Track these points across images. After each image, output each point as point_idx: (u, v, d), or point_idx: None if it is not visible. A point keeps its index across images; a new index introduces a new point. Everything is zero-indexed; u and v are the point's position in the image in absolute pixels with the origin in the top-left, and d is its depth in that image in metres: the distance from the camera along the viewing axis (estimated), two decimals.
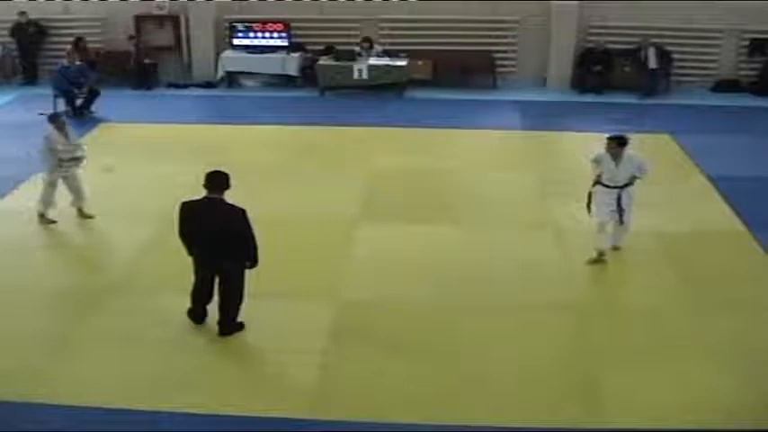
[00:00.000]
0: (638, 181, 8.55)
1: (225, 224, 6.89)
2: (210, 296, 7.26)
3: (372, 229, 9.61)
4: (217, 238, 6.91)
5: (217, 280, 7.18)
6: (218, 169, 7.07)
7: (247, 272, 7.18)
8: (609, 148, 8.44)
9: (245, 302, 7.26)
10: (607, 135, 8.62)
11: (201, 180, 7.02)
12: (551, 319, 7.69)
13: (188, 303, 7.39)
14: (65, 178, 9.57)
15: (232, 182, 7.09)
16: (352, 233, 9.46)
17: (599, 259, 8.63)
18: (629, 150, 8.43)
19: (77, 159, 9.63)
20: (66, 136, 9.50)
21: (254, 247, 7.05)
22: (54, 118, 9.68)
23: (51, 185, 9.57)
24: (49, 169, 9.52)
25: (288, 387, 6.67)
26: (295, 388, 6.64)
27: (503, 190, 10.91)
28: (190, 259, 7.24)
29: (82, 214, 9.72)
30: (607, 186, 8.46)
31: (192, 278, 7.28)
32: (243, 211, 6.93)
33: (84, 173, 9.77)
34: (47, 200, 9.57)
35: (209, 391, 6.57)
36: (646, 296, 8.22)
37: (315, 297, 8.04)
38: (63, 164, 9.48)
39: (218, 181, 6.96)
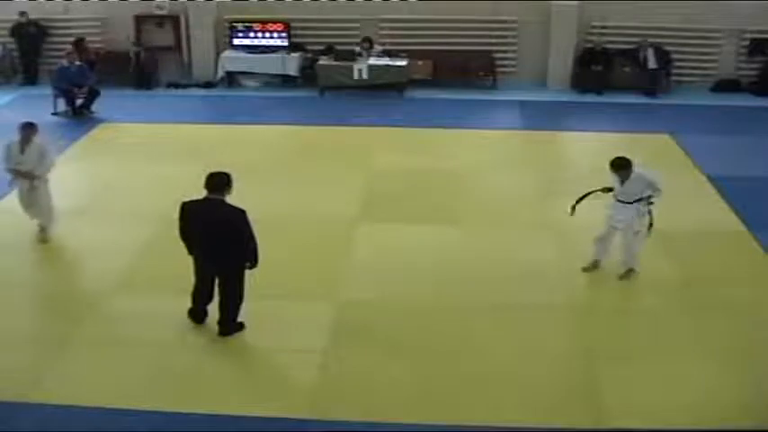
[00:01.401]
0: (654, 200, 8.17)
1: (225, 225, 6.88)
2: (211, 296, 7.26)
3: (372, 229, 9.61)
4: (217, 238, 6.90)
5: (217, 280, 7.18)
6: (219, 170, 7.06)
7: (247, 272, 7.18)
8: (611, 172, 8.21)
9: (246, 302, 7.26)
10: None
11: (202, 180, 7.02)
12: (551, 319, 7.69)
13: (188, 303, 7.39)
14: (29, 190, 9.15)
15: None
16: (352, 233, 9.46)
17: (593, 266, 8.58)
18: (638, 170, 8.14)
19: (28, 175, 9.06)
20: (22, 150, 9.02)
21: (255, 248, 7.05)
22: (23, 127, 9.10)
23: (18, 193, 9.28)
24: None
25: (288, 387, 6.67)
26: (295, 388, 6.64)
27: (503, 190, 10.92)
28: (190, 259, 7.24)
29: (42, 233, 9.22)
30: (621, 202, 8.28)
31: (192, 278, 7.28)
32: (243, 213, 6.91)
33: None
34: (24, 206, 9.29)
35: (208, 391, 6.58)
36: (645, 296, 8.22)
37: (315, 297, 8.04)
38: (15, 176, 9.15)
39: (219, 182, 6.95)
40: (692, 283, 8.39)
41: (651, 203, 8.20)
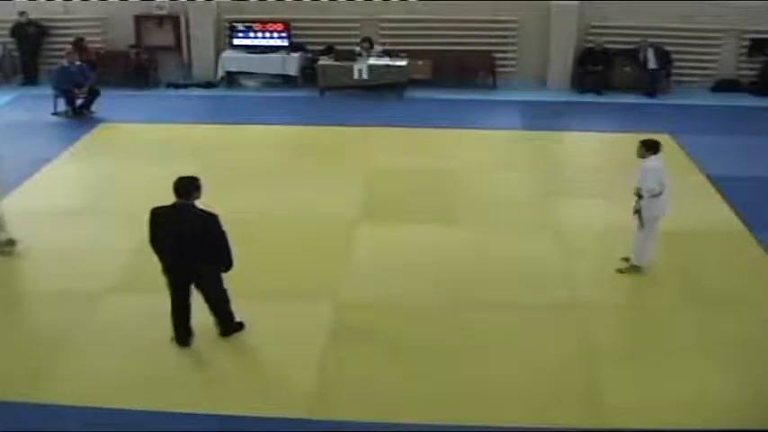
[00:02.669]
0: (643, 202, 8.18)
1: (195, 229, 6.72)
2: (189, 309, 7.08)
3: (372, 229, 9.61)
4: (187, 243, 6.73)
5: (196, 289, 7.02)
6: (187, 175, 6.89)
7: (248, 272, 7.14)
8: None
9: (245, 302, 7.25)
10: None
11: (201, 180, 6.99)
12: (551, 319, 7.69)
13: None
14: None
15: (232, 182, 7.07)
16: (352, 233, 9.45)
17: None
18: (648, 161, 8.16)
19: None
20: None
21: (229, 252, 6.89)
22: None
23: None
24: None
25: (287, 387, 6.66)
26: (295, 388, 6.63)
27: (503, 190, 10.91)
28: None
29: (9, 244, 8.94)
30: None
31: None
32: (215, 216, 6.77)
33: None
34: None
35: (207, 391, 6.58)
36: (646, 296, 8.23)
37: (315, 297, 8.03)
38: None
39: (186, 186, 6.79)
40: (691, 282, 8.39)
41: (640, 197, 8.19)
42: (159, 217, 6.91)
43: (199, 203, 6.85)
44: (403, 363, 6.95)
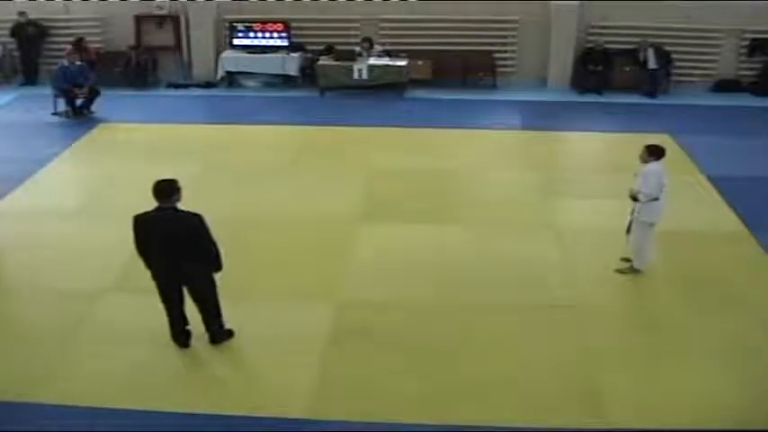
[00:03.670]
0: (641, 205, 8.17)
1: (184, 231, 6.66)
2: (184, 313, 7.03)
3: (372, 229, 9.61)
4: (178, 245, 6.66)
5: (188, 293, 6.95)
6: (165, 178, 6.79)
7: (247, 272, 7.13)
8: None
9: (245, 302, 7.24)
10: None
11: (202, 180, 7.00)
12: (552, 319, 7.68)
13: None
14: None
15: (232, 182, 7.06)
16: (353, 233, 9.45)
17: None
18: (648, 165, 8.15)
19: None
20: None
21: (217, 253, 6.81)
22: None
23: None
24: None
25: (287, 387, 6.66)
26: (294, 388, 6.63)
27: (503, 190, 10.91)
28: None
29: None
30: None
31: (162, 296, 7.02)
32: (200, 217, 6.70)
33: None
34: None
35: (207, 392, 6.58)
36: (646, 296, 8.22)
37: (315, 297, 8.03)
38: None
39: (167, 189, 6.69)
40: (691, 283, 8.38)
41: (636, 199, 8.19)
42: (145, 223, 6.79)
43: (180, 205, 6.78)
44: (403, 363, 6.95)
